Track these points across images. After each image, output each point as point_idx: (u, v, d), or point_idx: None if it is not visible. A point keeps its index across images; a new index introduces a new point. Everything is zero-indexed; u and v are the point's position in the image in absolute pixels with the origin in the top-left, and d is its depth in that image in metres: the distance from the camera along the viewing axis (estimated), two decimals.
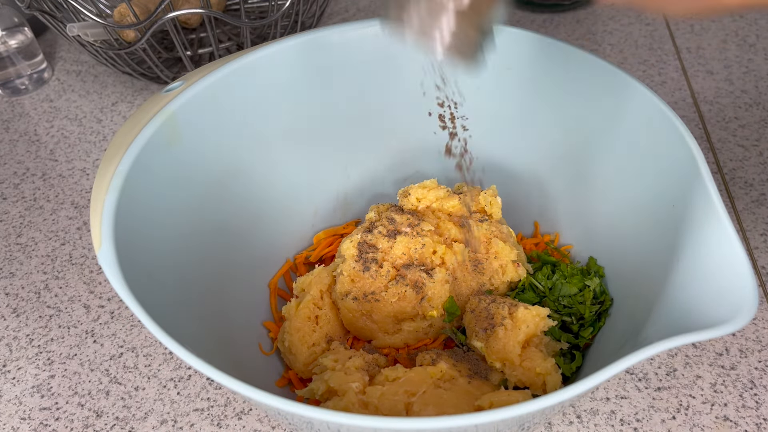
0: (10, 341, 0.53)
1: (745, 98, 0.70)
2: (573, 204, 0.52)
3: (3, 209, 0.64)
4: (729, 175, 0.62)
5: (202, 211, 0.46)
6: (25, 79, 0.76)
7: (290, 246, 0.55)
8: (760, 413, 0.46)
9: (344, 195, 0.57)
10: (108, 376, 0.50)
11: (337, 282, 0.47)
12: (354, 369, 0.43)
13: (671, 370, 0.48)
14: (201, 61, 0.75)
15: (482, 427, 0.30)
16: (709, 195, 0.36)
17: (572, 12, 0.84)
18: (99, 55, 0.69)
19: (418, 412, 0.40)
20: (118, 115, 0.74)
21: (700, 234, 0.36)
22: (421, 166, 0.57)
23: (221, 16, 0.60)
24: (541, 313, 0.44)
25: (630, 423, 0.46)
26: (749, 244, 0.56)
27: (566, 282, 0.48)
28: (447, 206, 0.51)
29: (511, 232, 0.51)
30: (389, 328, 0.47)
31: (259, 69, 0.47)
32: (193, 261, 0.44)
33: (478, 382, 0.43)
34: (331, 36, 0.49)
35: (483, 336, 0.44)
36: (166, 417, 0.47)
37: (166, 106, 0.43)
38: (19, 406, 0.49)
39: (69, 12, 0.63)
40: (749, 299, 0.31)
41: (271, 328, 0.50)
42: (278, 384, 0.47)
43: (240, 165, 0.49)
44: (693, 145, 0.39)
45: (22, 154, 0.70)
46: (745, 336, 0.50)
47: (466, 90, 0.51)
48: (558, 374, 0.43)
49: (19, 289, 0.57)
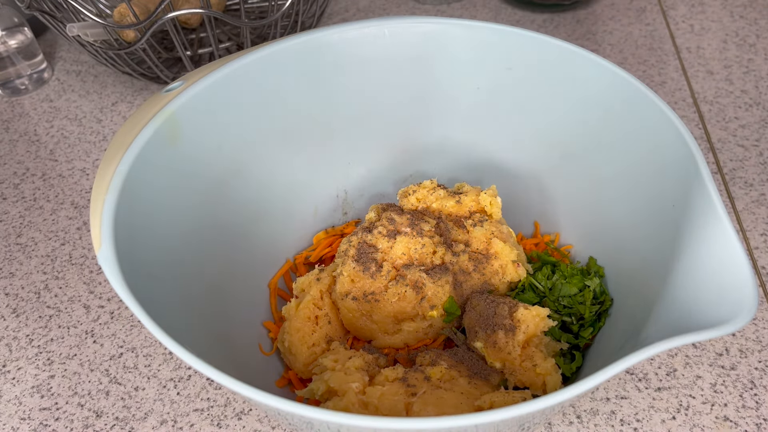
0: (10, 341, 0.53)
1: (745, 98, 0.70)
2: (573, 204, 0.52)
3: (3, 209, 0.64)
4: (729, 175, 0.62)
5: (202, 211, 0.46)
6: (25, 79, 0.76)
7: (290, 246, 0.55)
8: (760, 413, 0.46)
9: (344, 195, 0.57)
10: (108, 377, 0.50)
11: (337, 282, 0.47)
12: (354, 369, 0.43)
13: (671, 370, 0.48)
14: (201, 61, 0.75)
15: (482, 427, 0.30)
16: (709, 195, 0.36)
17: (572, 12, 0.84)
18: (99, 55, 0.69)
19: (418, 412, 0.40)
20: (118, 115, 0.74)
21: (700, 234, 0.36)
22: (421, 166, 0.57)
23: (221, 16, 0.60)
24: (541, 314, 0.44)
25: (630, 423, 0.46)
26: (749, 244, 0.56)
27: (566, 282, 0.48)
28: (447, 206, 0.51)
29: (511, 232, 0.51)
30: (389, 328, 0.47)
31: (259, 69, 0.47)
32: (192, 261, 0.44)
33: (478, 382, 0.43)
34: (331, 36, 0.49)
35: (483, 336, 0.44)
36: (166, 417, 0.47)
37: (166, 106, 0.43)
38: (19, 406, 0.49)
39: (69, 12, 0.63)
40: (749, 299, 0.31)
41: (271, 328, 0.50)
42: (278, 384, 0.46)
43: (240, 165, 0.49)
44: (693, 145, 0.39)
45: (22, 154, 0.70)
46: (745, 336, 0.50)
47: (466, 90, 0.51)
48: (558, 374, 0.43)
49: (19, 289, 0.57)
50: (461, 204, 0.51)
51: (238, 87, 0.47)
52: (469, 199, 0.51)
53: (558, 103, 0.49)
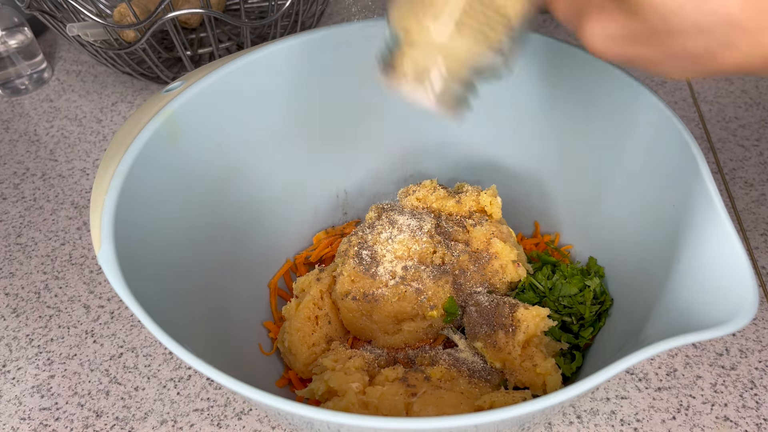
0: (10, 341, 0.53)
1: (745, 98, 0.70)
2: (573, 204, 0.52)
3: (3, 209, 0.64)
4: (729, 175, 0.62)
5: (202, 210, 0.46)
6: (25, 79, 0.76)
7: (290, 246, 0.55)
8: (761, 413, 0.46)
9: (344, 195, 0.57)
10: (108, 377, 0.50)
11: (337, 282, 0.47)
12: (354, 369, 0.43)
13: (671, 370, 0.48)
14: (201, 61, 0.75)
15: (482, 427, 0.30)
16: (709, 195, 0.36)
17: None
18: (99, 55, 0.69)
19: (418, 412, 0.40)
20: (118, 115, 0.74)
21: (700, 234, 0.36)
22: (421, 166, 0.57)
23: (221, 16, 0.60)
24: (541, 313, 0.44)
25: (630, 423, 0.46)
26: (749, 244, 0.56)
27: (566, 282, 0.48)
28: (447, 206, 0.51)
29: (511, 232, 0.51)
30: (389, 328, 0.47)
31: (259, 69, 0.47)
32: (192, 261, 0.44)
33: (478, 382, 0.43)
34: (331, 36, 0.49)
35: (483, 336, 0.44)
36: (166, 417, 0.47)
37: (166, 106, 0.43)
38: (19, 406, 0.49)
39: (69, 12, 0.63)
40: (749, 299, 0.31)
41: (271, 328, 0.50)
42: (278, 384, 0.46)
43: (240, 165, 0.49)
44: (693, 145, 0.39)
45: (22, 154, 0.70)
46: (745, 336, 0.50)
47: None
48: (558, 374, 0.43)
49: (19, 289, 0.57)
50: (461, 204, 0.51)
51: (238, 87, 0.47)
52: (469, 199, 0.51)
53: (558, 103, 0.49)
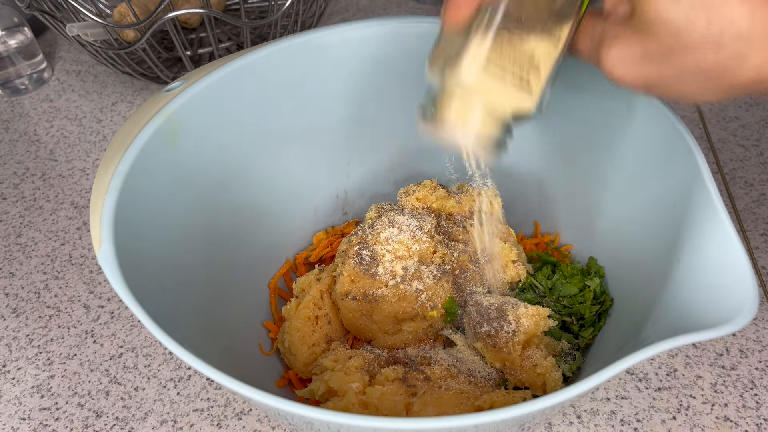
0: (9, 341, 0.53)
1: (745, 98, 0.70)
2: (573, 204, 0.52)
3: (3, 209, 0.64)
4: (729, 175, 0.62)
5: (202, 211, 0.46)
6: (25, 79, 0.76)
7: (290, 246, 0.55)
8: (761, 413, 0.46)
9: (344, 195, 0.57)
10: (108, 377, 0.50)
11: (337, 282, 0.47)
12: (354, 369, 0.43)
13: (671, 370, 0.48)
14: (201, 61, 0.75)
15: (482, 427, 0.30)
16: (709, 195, 0.36)
17: None
18: (99, 55, 0.69)
19: (418, 412, 0.40)
20: (118, 115, 0.74)
21: (700, 234, 0.36)
22: (421, 166, 0.57)
23: (221, 16, 0.60)
24: (541, 313, 0.44)
25: (630, 423, 0.46)
26: (749, 244, 0.56)
27: (566, 282, 0.48)
28: (447, 206, 0.51)
29: (511, 232, 0.51)
30: (389, 328, 0.47)
31: (259, 69, 0.47)
32: (193, 261, 0.44)
33: (478, 382, 0.43)
34: (331, 36, 0.49)
35: (483, 336, 0.44)
36: (165, 417, 0.47)
37: (166, 106, 0.43)
38: (19, 407, 0.49)
39: (69, 12, 0.63)
40: (749, 299, 0.31)
41: (271, 328, 0.50)
42: (278, 384, 0.46)
43: (240, 165, 0.49)
44: (693, 145, 0.39)
45: (21, 154, 0.70)
46: (745, 336, 0.50)
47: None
48: (558, 374, 0.43)
49: (19, 289, 0.57)
50: (461, 204, 0.51)
51: (238, 87, 0.47)
52: (469, 199, 0.51)
53: (557, 103, 0.49)
